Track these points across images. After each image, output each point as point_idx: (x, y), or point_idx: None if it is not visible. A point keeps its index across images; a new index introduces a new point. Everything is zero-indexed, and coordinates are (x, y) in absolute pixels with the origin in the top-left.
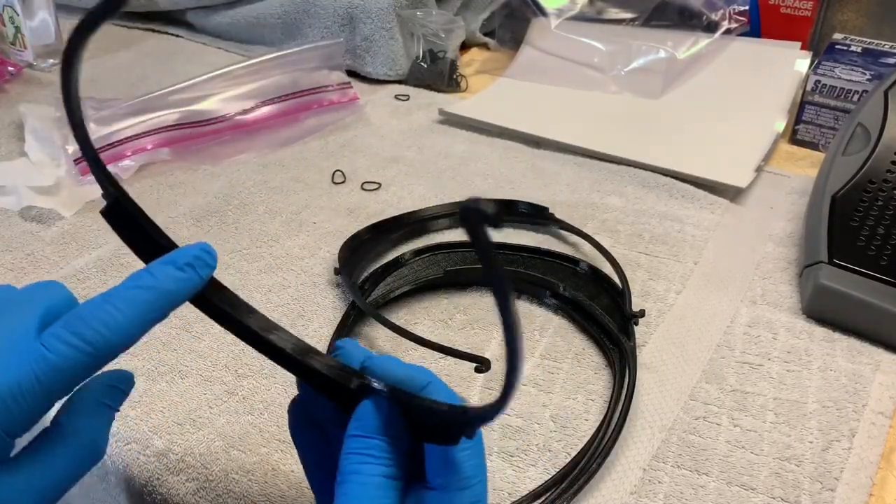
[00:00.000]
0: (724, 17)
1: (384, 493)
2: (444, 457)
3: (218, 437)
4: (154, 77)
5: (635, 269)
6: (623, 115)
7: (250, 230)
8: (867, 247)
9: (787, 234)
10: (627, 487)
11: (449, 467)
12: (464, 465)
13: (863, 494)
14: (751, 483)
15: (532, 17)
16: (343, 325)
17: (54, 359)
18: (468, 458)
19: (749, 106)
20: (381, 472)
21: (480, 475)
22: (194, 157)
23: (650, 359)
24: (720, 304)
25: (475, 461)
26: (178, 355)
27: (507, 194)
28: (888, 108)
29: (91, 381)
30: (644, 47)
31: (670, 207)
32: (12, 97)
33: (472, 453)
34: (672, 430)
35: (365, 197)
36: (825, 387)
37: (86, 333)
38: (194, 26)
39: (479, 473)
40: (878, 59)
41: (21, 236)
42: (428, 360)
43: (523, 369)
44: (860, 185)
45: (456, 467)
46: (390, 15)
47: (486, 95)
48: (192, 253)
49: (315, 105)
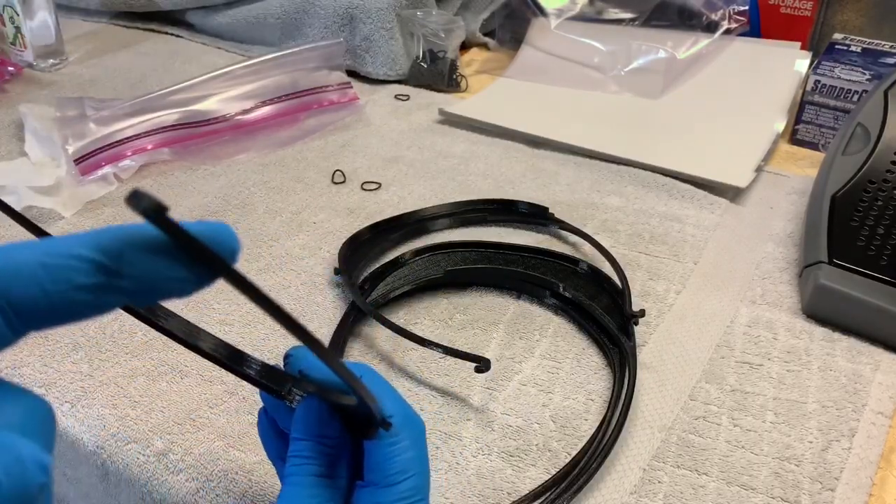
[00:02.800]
0: (724, 17)
1: (316, 491)
2: (369, 451)
3: (218, 437)
4: (154, 77)
5: (635, 269)
6: (623, 115)
7: (250, 230)
8: (867, 247)
9: (787, 234)
10: (627, 487)
11: (373, 463)
12: (390, 460)
13: (863, 494)
14: (751, 483)
15: (532, 17)
16: (343, 325)
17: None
18: (397, 454)
19: (749, 106)
20: (314, 471)
21: (413, 471)
22: (194, 157)
23: (650, 359)
24: (720, 304)
25: (405, 456)
26: (178, 355)
27: (507, 194)
28: (888, 108)
29: None
30: (644, 47)
31: (670, 207)
32: (12, 97)
33: (402, 448)
34: (672, 430)
35: (365, 197)
36: (825, 387)
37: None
38: (194, 26)
39: (411, 469)
40: (878, 59)
41: (21, 236)
42: (428, 360)
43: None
44: (860, 185)
45: (380, 463)
46: (390, 15)
47: (486, 95)
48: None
49: (315, 105)
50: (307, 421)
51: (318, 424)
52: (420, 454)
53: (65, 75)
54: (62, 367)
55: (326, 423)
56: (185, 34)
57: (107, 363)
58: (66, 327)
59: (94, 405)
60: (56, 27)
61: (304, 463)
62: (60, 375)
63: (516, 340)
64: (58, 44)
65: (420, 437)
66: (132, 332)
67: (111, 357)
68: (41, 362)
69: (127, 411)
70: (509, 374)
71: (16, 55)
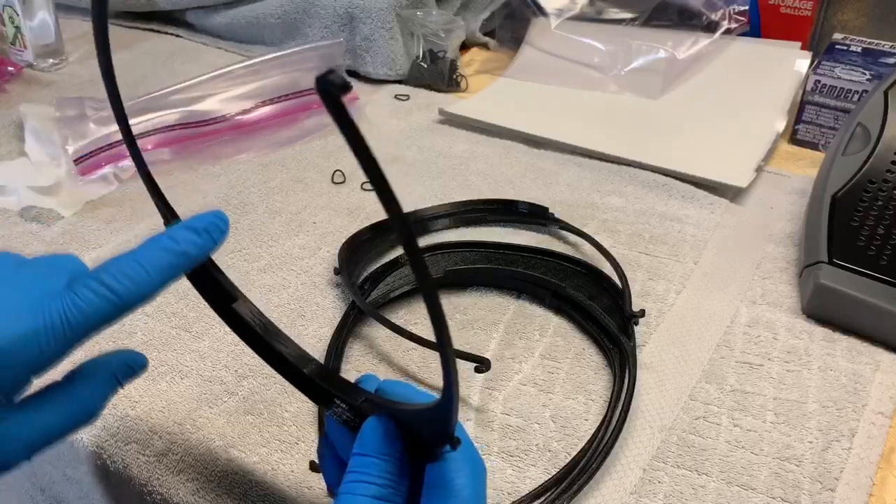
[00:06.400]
0: (724, 17)
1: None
2: (437, 481)
3: (218, 437)
4: (154, 77)
5: (635, 269)
6: (623, 115)
7: (250, 230)
8: (867, 247)
9: (787, 234)
10: (627, 487)
11: (441, 492)
12: (458, 492)
13: (863, 494)
14: (751, 483)
15: (532, 17)
16: (343, 325)
17: (83, 305)
18: (462, 485)
19: (749, 106)
20: (373, 492)
21: (468, 493)
22: (194, 157)
23: (650, 359)
24: (720, 303)
25: (470, 490)
26: (178, 355)
27: (507, 194)
28: (888, 108)
29: (110, 355)
30: (644, 47)
31: (670, 207)
32: (12, 97)
33: (468, 482)
34: (672, 430)
35: (365, 197)
36: (825, 387)
37: (113, 285)
38: (194, 26)
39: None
40: (878, 59)
41: (21, 236)
42: (428, 360)
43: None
44: (860, 185)
45: (449, 493)
46: (390, 15)
47: (485, 95)
48: (207, 219)
49: (315, 105)
50: (375, 437)
51: (387, 443)
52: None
53: (65, 75)
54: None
55: (391, 441)
56: (185, 34)
57: None
58: None
59: None
60: (56, 27)
61: (365, 482)
62: None
63: (516, 340)
64: (58, 44)
65: (475, 462)
66: (132, 332)
67: None
68: None
69: (127, 411)
70: (509, 374)
71: (16, 55)
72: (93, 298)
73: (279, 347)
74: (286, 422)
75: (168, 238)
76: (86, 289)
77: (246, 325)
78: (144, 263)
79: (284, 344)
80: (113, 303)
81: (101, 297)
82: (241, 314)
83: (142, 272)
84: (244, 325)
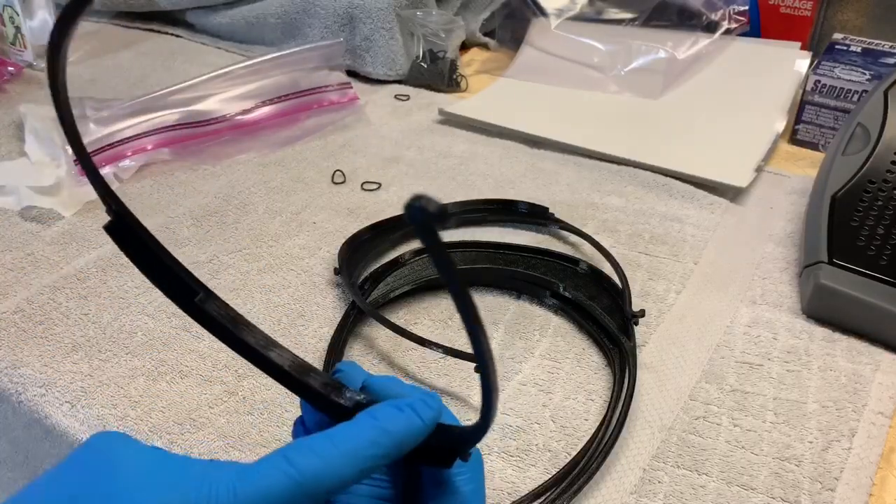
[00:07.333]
0: (724, 17)
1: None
2: (438, 480)
3: (218, 437)
4: (154, 77)
5: (635, 269)
6: (623, 115)
7: (250, 230)
8: (867, 247)
9: (787, 234)
10: (627, 487)
11: (442, 491)
12: (459, 489)
13: (863, 494)
14: (750, 483)
15: (532, 17)
16: (343, 325)
17: (257, 478)
18: (464, 483)
19: (749, 106)
20: (373, 493)
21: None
22: (194, 157)
23: (650, 359)
24: (720, 304)
25: (472, 486)
26: (178, 355)
27: (507, 194)
28: (888, 108)
29: None
30: (644, 47)
31: (670, 207)
32: (12, 97)
33: (470, 478)
34: (672, 430)
35: (365, 197)
36: (825, 387)
37: (296, 458)
38: (194, 26)
39: (475, 499)
40: (878, 59)
41: (21, 236)
42: (428, 360)
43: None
44: (860, 185)
45: (450, 491)
46: (390, 15)
47: (485, 95)
48: (417, 398)
49: (315, 105)
50: None
51: None
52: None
53: None
54: (62, 367)
55: None
56: (185, 34)
57: (107, 363)
58: (66, 327)
59: (94, 405)
60: None
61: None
62: (60, 375)
63: (516, 340)
64: None
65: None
66: (132, 332)
67: (111, 357)
68: (41, 362)
69: (127, 411)
70: (509, 374)
71: (16, 55)
72: (271, 472)
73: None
74: (286, 422)
75: (367, 414)
76: (266, 463)
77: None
78: (336, 439)
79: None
80: (293, 478)
81: (281, 471)
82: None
83: (330, 447)
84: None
